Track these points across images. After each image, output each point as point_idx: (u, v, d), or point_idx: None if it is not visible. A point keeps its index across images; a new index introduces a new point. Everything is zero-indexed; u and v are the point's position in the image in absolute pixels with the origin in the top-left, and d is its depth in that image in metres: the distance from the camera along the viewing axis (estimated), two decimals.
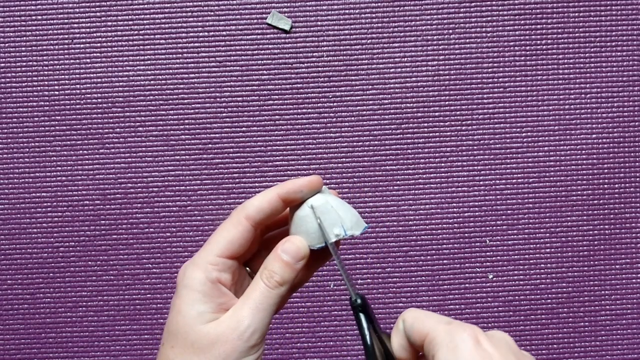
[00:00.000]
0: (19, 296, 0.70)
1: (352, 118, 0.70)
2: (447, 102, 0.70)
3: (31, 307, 0.70)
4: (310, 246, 0.38)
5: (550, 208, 0.70)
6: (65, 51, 0.70)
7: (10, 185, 0.70)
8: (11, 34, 0.70)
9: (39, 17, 0.70)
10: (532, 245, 0.70)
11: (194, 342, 0.36)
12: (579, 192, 0.70)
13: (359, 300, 0.36)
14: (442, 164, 0.70)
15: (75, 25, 0.70)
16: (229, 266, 0.38)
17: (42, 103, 0.70)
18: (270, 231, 0.40)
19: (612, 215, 0.70)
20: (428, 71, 0.70)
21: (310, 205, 0.38)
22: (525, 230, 0.70)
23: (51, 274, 0.70)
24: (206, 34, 0.70)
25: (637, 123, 0.70)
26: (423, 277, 0.70)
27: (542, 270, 0.70)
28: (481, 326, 0.70)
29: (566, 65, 0.70)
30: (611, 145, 0.70)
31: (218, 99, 0.70)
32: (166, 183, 0.70)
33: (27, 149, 0.70)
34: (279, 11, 0.70)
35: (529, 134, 0.70)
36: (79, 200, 0.70)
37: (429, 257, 0.70)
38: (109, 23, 0.70)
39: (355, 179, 0.70)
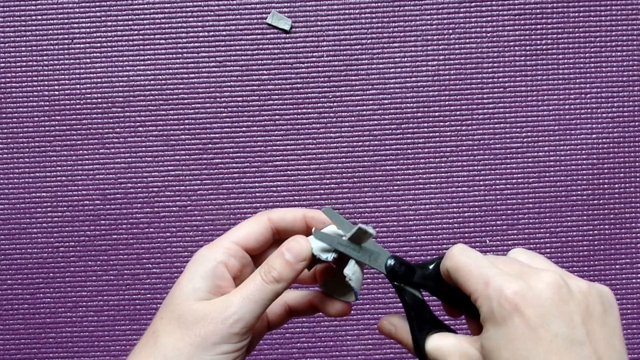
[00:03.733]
0: (19, 296, 0.70)
1: (352, 118, 0.70)
2: (447, 102, 0.70)
3: (31, 307, 0.70)
4: (316, 252, 0.38)
5: (550, 208, 0.70)
6: (65, 51, 0.70)
7: (10, 185, 0.70)
8: (11, 34, 0.70)
9: (39, 17, 0.70)
10: (532, 245, 0.70)
11: (180, 316, 0.36)
12: (579, 192, 0.70)
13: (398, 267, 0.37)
14: (442, 164, 0.70)
15: (75, 25, 0.70)
16: (240, 255, 0.38)
17: (42, 103, 0.70)
18: None
19: (612, 215, 0.70)
20: (428, 71, 0.70)
21: (334, 229, 0.39)
22: (525, 230, 0.70)
23: (51, 274, 0.70)
24: (206, 34, 0.70)
25: (637, 123, 0.70)
26: None
27: None
28: None
29: (566, 65, 0.70)
30: (611, 145, 0.70)
31: (218, 99, 0.70)
32: (166, 183, 0.70)
33: (27, 149, 0.70)
34: (279, 11, 0.70)
35: (529, 134, 0.70)
36: (79, 200, 0.70)
37: (429, 257, 0.70)
38: (109, 23, 0.70)
39: (355, 179, 0.70)
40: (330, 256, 0.38)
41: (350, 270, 0.38)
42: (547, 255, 0.70)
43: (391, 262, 0.39)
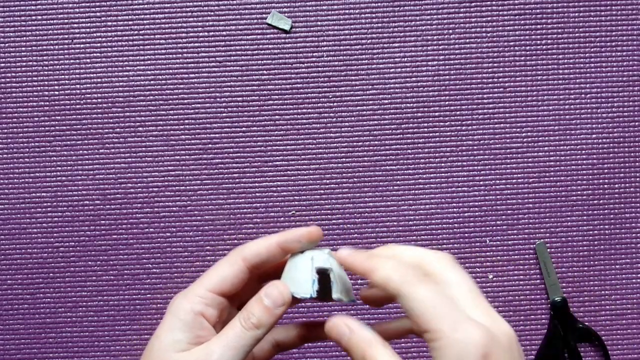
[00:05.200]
0: (19, 296, 0.70)
1: (352, 118, 0.70)
2: (447, 102, 0.70)
3: (31, 307, 0.70)
4: (295, 294, 0.38)
5: (550, 208, 0.70)
6: (65, 51, 0.70)
7: (10, 185, 0.70)
8: (11, 34, 0.70)
9: (39, 17, 0.70)
10: (532, 245, 0.70)
11: None
12: (579, 192, 0.70)
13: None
14: (442, 164, 0.70)
15: (75, 25, 0.70)
16: (217, 302, 0.38)
17: (42, 103, 0.70)
18: (270, 278, 0.40)
19: (612, 215, 0.70)
20: (428, 71, 0.70)
21: (312, 257, 0.38)
22: (525, 230, 0.70)
23: (51, 274, 0.70)
24: (206, 34, 0.70)
25: (637, 123, 0.70)
26: None
27: (542, 270, 0.70)
28: None
29: (566, 65, 0.70)
30: (611, 145, 0.70)
31: (218, 99, 0.70)
32: (166, 183, 0.70)
33: (27, 149, 0.70)
34: (279, 11, 0.70)
35: (529, 134, 0.70)
36: (79, 200, 0.70)
37: None
38: (109, 23, 0.70)
39: (355, 179, 0.70)
40: (312, 293, 0.38)
41: (338, 293, 0.38)
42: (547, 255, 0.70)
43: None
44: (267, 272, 0.41)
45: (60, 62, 0.70)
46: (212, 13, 0.70)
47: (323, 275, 0.39)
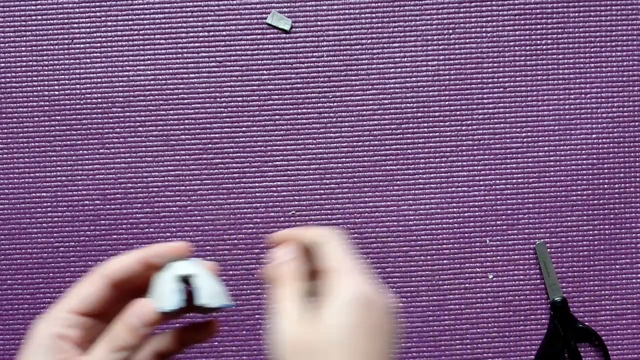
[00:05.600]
0: (19, 296, 0.70)
1: (352, 118, 0.70)
2: (447, 102, 0.70)
3: (31, 307, 0.70)
4: (160, 309, 0.37)
5: (550, 208, 0.70)
6: (65, 51, 0.70)
7: (10, 185, 0.70)
8: (11, 34, 0.70)
9: (39, 17, 0.70)
10: (532, 245, 0.70)
11: None
12: (579, 192, 0.70)
13: None
14: (442, 164, 0.70)
15: (75, 25, 0.70)
16: (80, 323, 0.37)
17: (42, 103, 0.70)
18: (142, 294, 0.39)
19: (612, 215, 0.70)
20: (428, 71, 0.70)
21: (174, 268, 0.37)
22: (525, 230, 0.70)
23: (51, 274, 0.70)
24: (206, 34, 0.70)
25: (637, 123, 0.70)
26: (423, 277, 0.70)
27: (542, 270, 0.70)
28: (481, 326, 0.70)
29: (566, 65, 0.70)
30: (611, 145, 0.70)
31: (218, 99, 0.70)
32: (166, 183, 0.70)
33: (27, 149, 0.70)
34: (279, 11, 0.70)
35: (529, 134, 0.70)
36: (79, 200, 0.70)
37: (429, 257, 0.70)
38: (109, 23, 0.70)
39: (355, 179, 0.70)
40: (177, 304, 0.37)
41: (205, 299, 0.37)
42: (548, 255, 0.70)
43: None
44: (139, 287, 0.39)
45: (60, 62, 0.70)
46: (212, 13, 0.70)
47: (189, 284, 0.38)
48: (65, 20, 0.70)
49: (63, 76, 0.70)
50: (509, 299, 0.70)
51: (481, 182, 0.70)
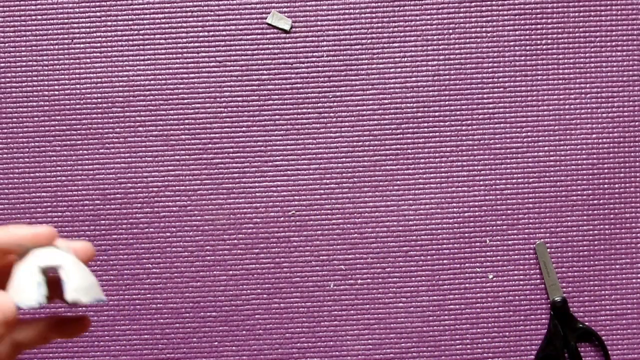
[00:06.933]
0: None
1: (352, 118, 0.70)
2: (447, 102, 0.70)
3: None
4: (20, 304, 0.32)
5: (550, 208, 0.70)
6: (65, 51, 0.70)
7: (10, 185, 0.70)
8: (11, 34, 0.70)
9: (39, 17, 0.70)
10: (532, 245, 0.70)
11: None
12: (579, 192, 0.70)
13: None
14: (442, 164, 0.70)
15: (75, 25, 0.70)
16: None
17: (42, 103, 0.70)
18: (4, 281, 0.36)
19: (612, 215, 0.70)
20: (428, 71, 0.70)
21: (37, 257, 0.33)
22: (525, 230, 0.70)
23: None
24: (206, 34, 0.70)
25: (637, 123, 0.70)
26: (423, 277, 0.70)
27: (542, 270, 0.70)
28: (481, 326, 0.70)
29: (566, 65, 0.70)
30: (611, 145, 0.70)
31: (218, 99, 0.70)
32: (166, 183, 0.70)
33: (27, 149, 0.70)
34: (279, 11, 0.70)
35: (529, 134, 0.70)
36: (79, 200, 0.70)
37: (429, 257, 0.70)
38: (109, 23, 0.70)
39: (355, 179, 0.70)
40: (38, 300, 0.32)
41: (72, 293, 0.33)
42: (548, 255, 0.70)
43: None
44: (2, 273, 0.35)
45: (60, 62, 0.70)
46: (212, 13, 0.70)
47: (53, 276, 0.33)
48: (65, 20, 0.70)
49: (63, 76, 0.70)
50: (509, 299, 0.70)
51: (481, 182, 0.70)
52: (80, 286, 0.33)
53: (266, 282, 0.70)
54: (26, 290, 0.32)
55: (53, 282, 0.34)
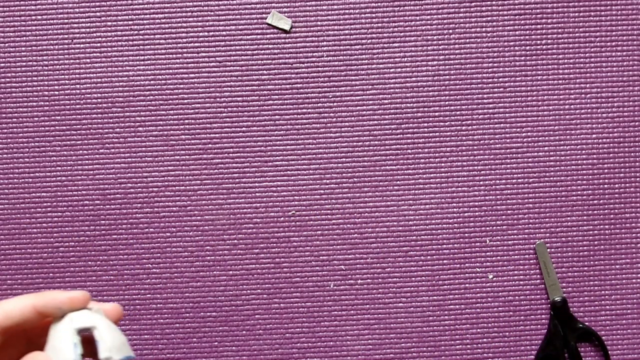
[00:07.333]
0: None
1: (352, 118, 0.70)
2: (447, 102, 0.70)
3: None
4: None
5: (550, 208, 0.70)
6: (65, 51, 0.70)
7: (10, 185, 0.70)
8: (11, 34, 0.70)
9: (39, 17, 0.70)
10: (532, 245, 0.70)
11: None
12: (579, 192, 0.70)
13: None
14: (442, 164, 0.70)
15: (75, 25, 0.70)
16: None
17: (42, 103, 0.70)
18: (37, 339, 0.38)
19: (612, 215, 0.70)
20: (428, 71, 0.70)
21: (71, 319, 0.36)
22: (525, 230, 0.70)
23: (51, 274, 0.70)
24: (206, 34, 0.70)
25: (637, 123, 0.70)
26: (423, 277, 0.70)
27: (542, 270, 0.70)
28: (481, 326, 0.70)
29: (566, 65, 0.70)
30: (611, 145, 0.70)
31: (218, 99, 0.70)
32: (166, 183, 0.70)
33: (27, 149, 0.70)
34: (279, 11, 0.70)
35: (529, 134, 0.70)
36: (79, 200, 0.70)
37: (429, 257, 0.70)
38: (109, 23, 0.70)
39: (355, 179, 0.70)
40: (74, 359, 0.35)
41: (106, 352, 0.35)
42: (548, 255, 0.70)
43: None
44: (37, 332, 0.37)
45: (60, 62, 0.70)
46: (212, 13, 0.70)
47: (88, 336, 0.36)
48: (65, 20, 0.70)
49: (63, 76, 0.70)
50: (509, 299, 0.70)
51: (481, 182, 0.70)
52: (113, 345, 0.36)
53: (266, 282, 0.70)
54: (63, 350, 0.34)
55: (86, 341, 0.36)
